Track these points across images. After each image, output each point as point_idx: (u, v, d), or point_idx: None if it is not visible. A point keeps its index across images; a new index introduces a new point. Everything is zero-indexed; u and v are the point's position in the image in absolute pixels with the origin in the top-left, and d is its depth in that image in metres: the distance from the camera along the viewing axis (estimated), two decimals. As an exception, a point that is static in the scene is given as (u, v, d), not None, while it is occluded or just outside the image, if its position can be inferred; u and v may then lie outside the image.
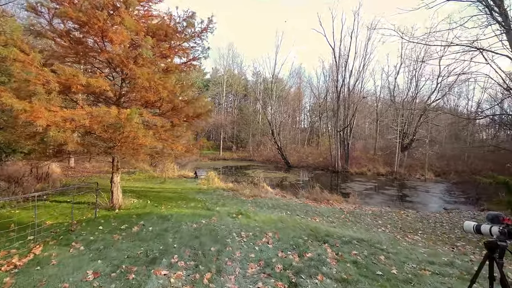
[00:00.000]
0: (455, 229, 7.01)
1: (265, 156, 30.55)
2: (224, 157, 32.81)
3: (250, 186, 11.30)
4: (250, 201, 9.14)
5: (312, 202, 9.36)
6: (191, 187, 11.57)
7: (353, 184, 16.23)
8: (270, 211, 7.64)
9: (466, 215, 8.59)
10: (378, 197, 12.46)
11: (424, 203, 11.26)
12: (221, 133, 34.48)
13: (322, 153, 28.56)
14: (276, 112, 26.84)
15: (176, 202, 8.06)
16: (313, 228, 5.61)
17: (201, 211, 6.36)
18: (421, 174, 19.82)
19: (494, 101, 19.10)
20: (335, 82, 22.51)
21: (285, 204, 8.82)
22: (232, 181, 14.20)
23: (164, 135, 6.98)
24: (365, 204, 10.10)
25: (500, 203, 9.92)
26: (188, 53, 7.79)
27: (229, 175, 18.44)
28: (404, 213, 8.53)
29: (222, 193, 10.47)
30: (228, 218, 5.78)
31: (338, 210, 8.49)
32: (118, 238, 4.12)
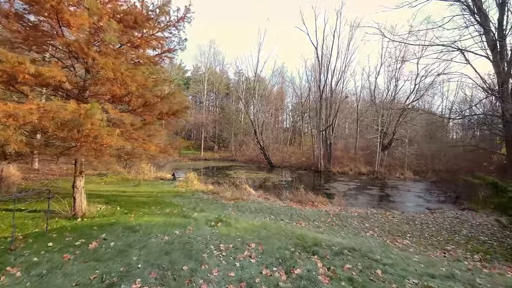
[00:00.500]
0: (441, 230, 6.86)
1: (248, 156, 30.02)
2: (206, 157, 31.88)
3: (231, 188, 10.71)
4: (231, 205, 8.56)
5: (296, 205, 8.95)
6: (168, 190, 10.79)
7: (336, 184, 16.10)
8: (253, 216, 7.11)
9: (450, 215, 8.55)
10: (362, 198, 12.33)
11: (407, 203, 11.25)
12: (202, 133, 33.48)
13: (304, 153, 28.50)
14: (259, 111, 26.38)
15: (150, 207, 7.32)
16: (299, 235, 5.15)
17: (175, 219, 5.70)
18: (400, 173, 20.20)
19: (472, 101, 19.87)
20: (317, 81, 22.45)
21: (269, 208, 8.33)
22: (212, 183, 13.53)
23: (135, 134, 6.25)
24: (350, 205, 9.85)
25: (479, 202, 10.08)
26: (162, 44, 7.09)
27: (210, 176, 17.71)
28: (390, 214, 8.34)
29: (202, 196, 9.81)
30: (206, 227, 5.17)
31: (323, 212, 8.14)
32: (69, 258, 3.40)
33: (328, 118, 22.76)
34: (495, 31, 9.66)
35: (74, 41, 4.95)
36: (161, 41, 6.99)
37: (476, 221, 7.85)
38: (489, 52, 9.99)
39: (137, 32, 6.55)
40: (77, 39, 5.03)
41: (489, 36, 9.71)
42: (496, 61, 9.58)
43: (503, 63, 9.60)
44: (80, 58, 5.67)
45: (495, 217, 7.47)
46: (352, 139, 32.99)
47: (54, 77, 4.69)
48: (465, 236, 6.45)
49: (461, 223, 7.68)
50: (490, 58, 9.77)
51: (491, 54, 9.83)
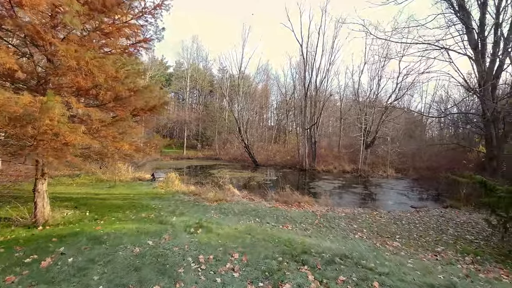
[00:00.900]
0: (429, 230, 6.76)
1: (232, 154, 29.48)
2: (188, 156, 30.99)
3: (214, 189, 10.20)
4: (214, 207, 8.08)
5: (282, 205, 8.61)
6: (146, 192, 10.11)
7: (322, 183, 15.99)
8: (237, 219, 6.67)
9: (435, 214, 8.55)
10: (347, 196, 12.23)
11: (391, 201, 11.25)
12: (185, 131, 32.48)
13: (289, 151, 28.37)
14: (243, 109, 25.88)
15: (124, 212, 6.70)
16: (287, 241, 4.78)
17: (150, 226, 5.14)
18: (383, 171, 20.49)
19: (448, 101, 20.48)
20: (302, 79, 22.29)
21: (254, 209, 7.93)
22: (195, 183, 12.95)
23: (105, 131, 5.61)
24: (336, 205, 9.65)
25: (461, 199, 10.22)
26: (137, 32, 6.46)
27: (193, 176, 17.06)
28: (377, 214, 8.19)
29: (182, 198, 9.23)
30: (184, 235, 4.67)
31: (310, 213, 7.84)
32: (12, 282, 2.81)
33: (313, 116, 22.69)
34: (477, 30, 9.78)
35: (27, 23, 4.27)
36: (136, 29, 6.36)
37: (460, 219, 7.86)
38: (471, 51, 10.13)
39: (107, 18, 5.89)
40: (31, 21, 4.35)
41: (471, 35, 9.82)
42: (478, 60, 9.71)
43: (484, 62, 9.74)
44: (40, 45, 4.97)
45: (484, 217, 7.50)
46: (336, 138, 33.31)
47: (3, 64, 4.01)
48: (453, 236, 6.36)
49: (447, 221, 7.65)
50: (472, 58, 9.89)
51: (473, 54, 9.96)
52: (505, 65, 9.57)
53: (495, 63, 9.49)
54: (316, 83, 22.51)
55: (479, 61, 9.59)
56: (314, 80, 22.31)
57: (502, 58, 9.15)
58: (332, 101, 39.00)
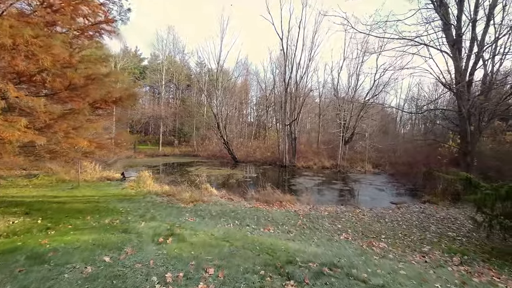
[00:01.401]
0: (412, 228, 6.63)
1: (211, 151, 28.62)
2: (165, 152, 29.63)
3: (190, 189, 9.52)
4: (189, 209, 7.43)
5: (263, 205, 8.15)
6: (114, 193, 9.19)
7: (302, 179, 15.79)
8: (214, 222, 6.10)
9: (415, 210, 8.53)
10: (328, 193, 12.07)
11: (372, 198, 11.23)
12: (161, 126, 30.99)
13: (269, 148, 28.06)
14: (222, 104, 25.06)
15: (85, 218, 5.86)
16: (269, 248, 4.31)
17: (111, 236, 4.42)
18: (361, 167, 20.80)
19: (424, 97, 21.12)
20: (282, 74, 21.93)
21: (232, 210, 7.39)
22: (169, 182, 12.13)
23: (59, 126, 4.77)
24: (319, 203, 9.38)
25: (438, 194, 10.38)
26: (96, 12, 5.60)
27: (168, 174, 16.13)
28: (360, 212, 8.00)
29: (155, 199, 8.47)
30: (151, 246, 4.03)
31: (293, 213, 7.45)
32: None
33: (293, 112, 22.46)
34: (455, 26, 9.86)
35: None
36: (95, 8, 5.50)
37: (440, 215, 7.88)
38: (448, 48, 10.22)
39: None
40: None
41: (450, 32, 9.90)
42: (455, 57, 9.80)
43: (461, 59, 9.86)
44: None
45: (460, 211, 7.55)
46: (315, 134, 33.56)
47: None
48: (435, 233, 6.26)
49: (427, 217, 7.62)
50: (450, 54, 9.99)
51: (450, 50, 10.06)
52: (479, 62, 9.76)
53: (470, 60, 9.65)
54: (297, 79, 22.30)
55: (456, 57, 9.69)
56: (295, 75, 22.09)
57: (478, 55, 9.31)
58: (311, 98, 39.24)
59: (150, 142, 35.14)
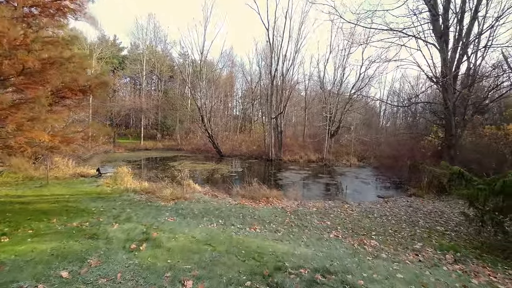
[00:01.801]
0: (401, 223, 6.49)
1: (195, 145, 27.82)
2: (146, 146, 28.50)
3: (172, 185, 8.97)
4: (170, 207, 6.91)
5: (249, 202, 7.77)
6: (87, 191, 8.48)
7: (289, 174, 15.56)
8: (196, 222, 5.65)
9: (402, 204, 8.48)
10: (315, 188, 11.88)
11: (358, 191, 11.15)
12: (142, 119, 29.72)
13: (255, 141, 27.67)
14: (206, 96, 24.25)
15: (50, 221, 5.23)
16: (255, 251, 3.93)
17: (74, 243, 3.87)
18: (346, 160, 20.90)
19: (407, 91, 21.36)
20: (268, 65, 21.43)
21: (217, 208, 6.95)
22: (150, 178, 11.48)
23: (12, 117, 4.10)
24: (306, 198, 9.14)
25: (423, 187, 10.44)
26: (57, -14, 4.89)
27: (149, 169, 15.38)
28: (348, 207, 7.81)
29: (132, 197, 7.87)
30: (121, 255, 3.52)
31: (280, 210, 7.13)
32: None
33: (279, 105, 22.10)
34: (443, 18, 9.75)
35: None
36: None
37: (427, 209, 7.84)
38: (434, 40, 10.13)
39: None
40: None
41: (438, 23, 9.78)
42: (442, 49, 9.72)
43: (447, 51, 9.80)
44: None
45: (455, 208, 7.51)
46: (300, 127, 33.50)
47: None
48: (424, 228, 6.15)
49: (415, 211, 7.55)
50: (437, 47, 9.90)
51: (437, 43, 9.97)
52: (466, 55, 9.73)
53: (457, 52, 9.61)
54: (283, 71, 21.86)
55: (443, 50, 9.62)
56: (281, 68, 21.64)
57: (464, 48, 9.27)
58: (297, 91, 39.04)
59: (131, 136, 33.75)
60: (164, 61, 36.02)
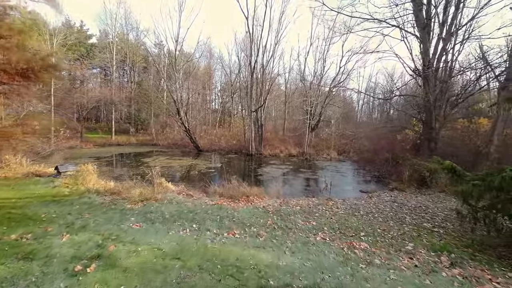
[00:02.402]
0: (388, 221, 6.18)
1: (172, 139, 26.50)
2: (118, 141, 26.72)
3: (142, 184, 8.09)
4: (137, 211, 6.09)
5: (228, 202, 7.11)
6: (40, 194, 7.36)
7: (270, 168, 15.05)
8: (166, 228, 4.92)
9: (386, 199, 8.25)
10: (297, 183, 11.46)
11: (341, 186, 10.89)
12: (113, 112, 27.73)
13: (235, 135, 26.89)
14: (182, 87, 22.94)
15: (-19, 233, 4.24)
16: (234, 265, 3.31)
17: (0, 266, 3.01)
18: (327, 154, 20.83)
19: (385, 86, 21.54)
20: (248, 57, 20.63)
21: (191, 210, 6.23)
22: (117, 177, 10.47)
23: None
24: (289, 195, 8.66)
25: (404, 181, 10.37)
26: None
27: (119, 167, 14.16)
28: (333, 204, 7.41)
29: (94, 200, 6.91)
30: (58, 282, 2.73)
31: (261, 210, 6.55)
32: None
33: (259, 97, 21.45)
34: (426, 8, 9.55)
35: None
36: None
37: (411, 204, 7.66)
38: (417, 31, 9.95)
39: None
40: None
41: (421, 14, 9.56)
42: (424, 41, 9.55)
43: (430, 43, 9.65)
44: None
45: (454, 207, 7.32)
46: (281, 121, 33.15)
47: None
48: (412, 225, 5.88)
49: (400, 207, 7.31)
50: (420, 38, 9.71)
51: (420, 34, 9.79)
52: (448, 46, 9.63)
53: (439, 44, 9.49)
54: (263, 62, 21.18)
55: (426, 41, 9.45)
56: (261, 59, 20.94)
57: (447, 38, 9.16)
58: (277, 85, 38.55)
59: (101, 130, 31.58)
60: (137, 50, 33.86)
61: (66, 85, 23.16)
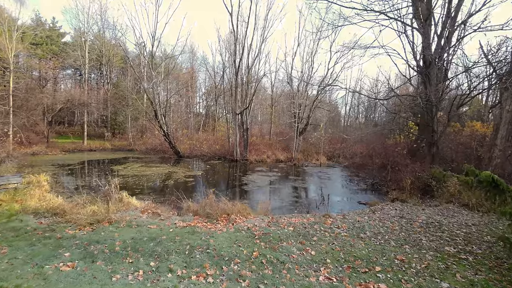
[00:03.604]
0: (403, 244, 4.97)
1: (150, 144, 24.53)
2: (91, 147, 24.44)
3: (97, 200, 6.51)
4: (79, 239, 4.56)
5: (203, 223, 5.68)
6: (-45, 216, 5.61)
7: (256, 176, 13.69)
8: (109, 271, 3.46)
9: (392, 214, 7.09)
10: (287, 194, 10.14)
11: (336, 196, 9.73)
12: (85, 115, 25.39)
13: (218, 140, 25.35)
14: (160, 88, 21.22)
15: None
16: None
17: None
18: (316, 159, 19.77)
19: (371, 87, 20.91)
20: (233, 55, 19.32)
21: (153, 238, 4.76)
22: (73, 191, 8.78)
23: None
24: (278, 210, 7.35)
25: (405, 190, 9.32)
26: None
27: (81, 177, 12.29)
28: (332, 222, 6.14)
29: (26, 223, 5.28)
30: None
31: (245, 234, 5.17)
32: None
33: (244, 99, 20.14)
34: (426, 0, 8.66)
35: None
36: None
37: (421, 219, 6.54)
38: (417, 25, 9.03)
39: None
40: None
41: (422, 4, 8.66)
42: (426, 35, 8.64)
43: (432, 37, 8.75)
44: None
45: (470, 222, 6.26)
46: (267, 125, 31.98)
47: None
48: (433, 251, 4.71)
49: (410, 224, 6.17)
50: (420, 31, 8.80)
51: (421, 28, 8.87)
52: (453, 41, 8.76)
53: (443, 37, 8.61)
54: (248, 62, 19.92)
55: (428, 35, 8.53)
56: (246, 58, 19.69)
57: (451, 31, 8.29)
58: (263, 89, 37.51)
59: (73, 135, 29.09)
60: (112, 48, 31.74)
61: (30, 85, 20.86)
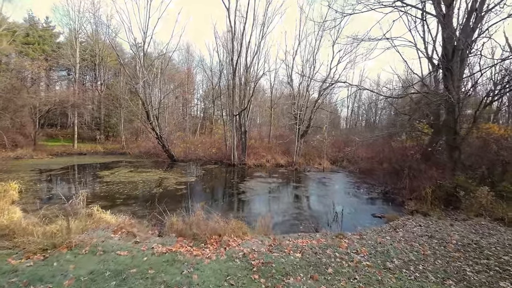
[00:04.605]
0: (444, 279, 3.83)
1: (144, 148, 23.38)
2: (81, 150, 23.27)
3: (64, 215, 5.34)
4: (20, 274, 3.40)
5: (187, 247, 4.52)
6: None
7: (254, 183, 12.52)
8: None
9: (418, 232, 5.93)
10: (290, 206, 8.93)
11: (346, 207, 8.51)
12: (76, 117, 24.24)
13: (215, 143, 24.20)
14: (152, 88, 20.08)
15: None
16: None
17: None
18: (319, 163, 18.63)
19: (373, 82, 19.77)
20: (230, 54, 18.26)
21: (117, 272, 3.59)
22: (49, 200, 7.63)
23: None
24: (280, 228, 6.21)
25: (425, 200, 8.19)
26: None
27: (62, 183, 11.10)
28: (348, 245, 4.98)
29: (-44, 251, 4.09)
30: None
31: (239, 263, 4.02)
32: None
33: (242, 100, 19.05)
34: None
35: None
36: None
37: (455, 239, 5.40)
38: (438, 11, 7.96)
39: None
40: None
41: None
42: (448, 23, 7.57)
43: (453, 26, 7.69)
44: None
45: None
46: (266, 128, 30.87)
47: None
48: (484, 286, 3.58)
49: (443, 246, 5.03)
50: (442, 19, 7.72)
51: (440, 14, 7.80)
52: (477, 31, 7.68)
53: (469, 25, 7.54)
54: (246, 61, 18.85)
55: (450, 22, 7.47)
56: (244, 57, 18.61)
57: (479, 17, 7.22)
58: (262, 91, 36.51)
59: (63, 137, 27.88)
60: (106, 48, 30.71)
61: (15, 85, 19.71)
